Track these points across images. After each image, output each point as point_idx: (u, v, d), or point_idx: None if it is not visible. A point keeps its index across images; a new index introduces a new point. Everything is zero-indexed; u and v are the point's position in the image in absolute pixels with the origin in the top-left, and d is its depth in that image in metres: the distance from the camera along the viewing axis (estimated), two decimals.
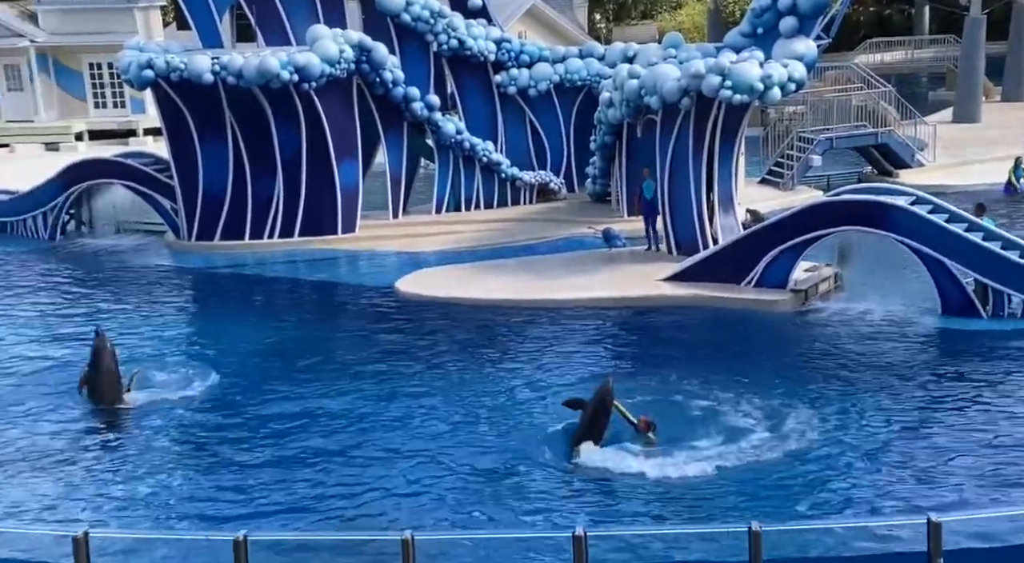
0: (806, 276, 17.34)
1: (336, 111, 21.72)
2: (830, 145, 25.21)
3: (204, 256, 21.72)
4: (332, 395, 13.60)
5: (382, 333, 16.39)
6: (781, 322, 16.29)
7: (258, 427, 12.68)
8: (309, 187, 21.91)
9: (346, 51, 21.23)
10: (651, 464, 11.15)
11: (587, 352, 15.26)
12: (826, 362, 14.41)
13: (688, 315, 16.63)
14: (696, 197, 18.86)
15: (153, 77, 21.07)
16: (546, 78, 24.25)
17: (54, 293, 19.57)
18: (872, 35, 44.85)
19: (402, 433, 12.35)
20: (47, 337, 16.68)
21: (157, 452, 12.12)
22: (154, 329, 16.88)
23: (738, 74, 17.75)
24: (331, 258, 21.25)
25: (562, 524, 9.71)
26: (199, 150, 21.89)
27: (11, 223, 24.63)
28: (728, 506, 10.36)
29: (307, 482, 11.16)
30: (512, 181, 24.04)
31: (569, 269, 18.89)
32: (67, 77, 34.31)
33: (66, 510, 10.69)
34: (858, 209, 16.31)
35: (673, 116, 18.78)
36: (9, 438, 12.52)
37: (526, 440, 11.95)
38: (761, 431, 11.98)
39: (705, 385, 13.28)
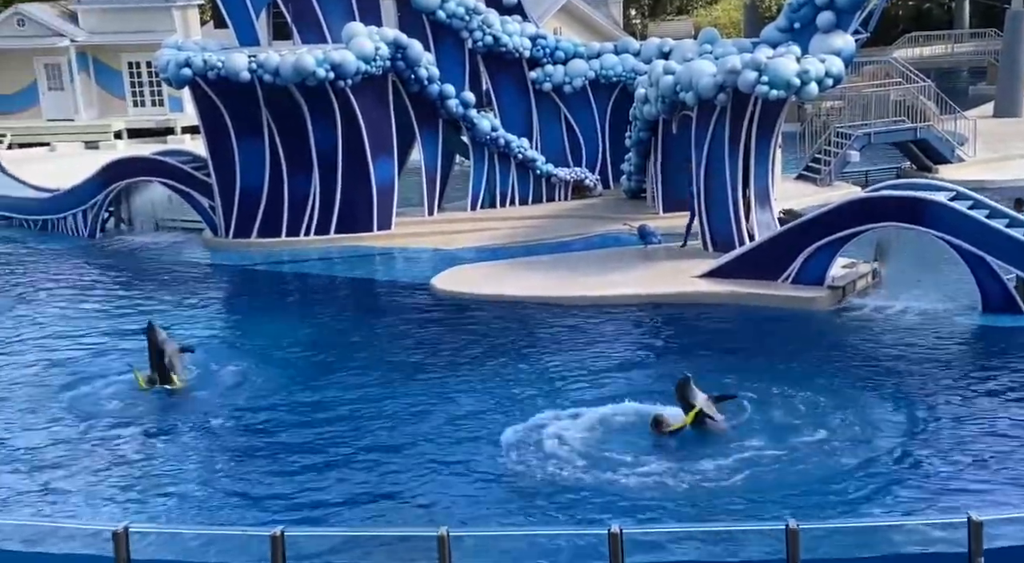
0: (844, 273, 17.18)
1: (372, 108, 21.81)
2: (868, 141, 24.94)
3: (241, 253, 21.90)
4: (368, 392, 13.67)
5: (418, 330, 16.45)
6: (818, 319, 16.15)
7: (295, 423, 12.77)
8: (345, 184, 22.03)
9: (381, 48, 21.31)
10: (687, 462, 11.10)
11: (622, 349, 15.21)
12: (865, 359, 14.27)
13: (724, 312, 16.53)
14: (732, 193, 18.74)
15: (191, 75, 21.28)
16: (581, 74, 24.20)
17: (94, 289, 19.83)
18: (911, 29, 44.30)
19: (439, 429, 12.38)
20: (86, 332, 16.89)
21: (194, 447, 12.25)
22: (192, 325, 17.06)
23: (775, 70, 17.61)
24: (367, 255, 21.36)
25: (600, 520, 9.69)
26: (236, 148, 22.07)
27: (52, 221, 24.99)
28: (765, 504, 10.28)
29: (344, 478, 11.23)
30: (547, 178, 24.01)
31: (604, 266, 18.85)
32: (106, 76, 34.72)
33: (105, 504, 10.82)
34: (897, 205, 16.13)
35: (709, 112, 18.66)
36: (46, 432, 12.68)
37: (563, 437, 11.91)
38: (799, 428, 11.88)
39: (741, 382, 13.18)
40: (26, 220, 25.66)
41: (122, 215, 25.15)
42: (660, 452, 11.42)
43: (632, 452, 11.44)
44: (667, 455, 11.32)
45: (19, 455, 12.14)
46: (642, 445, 11.61)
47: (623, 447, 11.57)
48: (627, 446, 11.60)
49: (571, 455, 11.42)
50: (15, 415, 13.40)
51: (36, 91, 34.43)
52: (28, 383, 14.55)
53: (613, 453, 11.40)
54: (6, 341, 16.59)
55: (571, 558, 8.89)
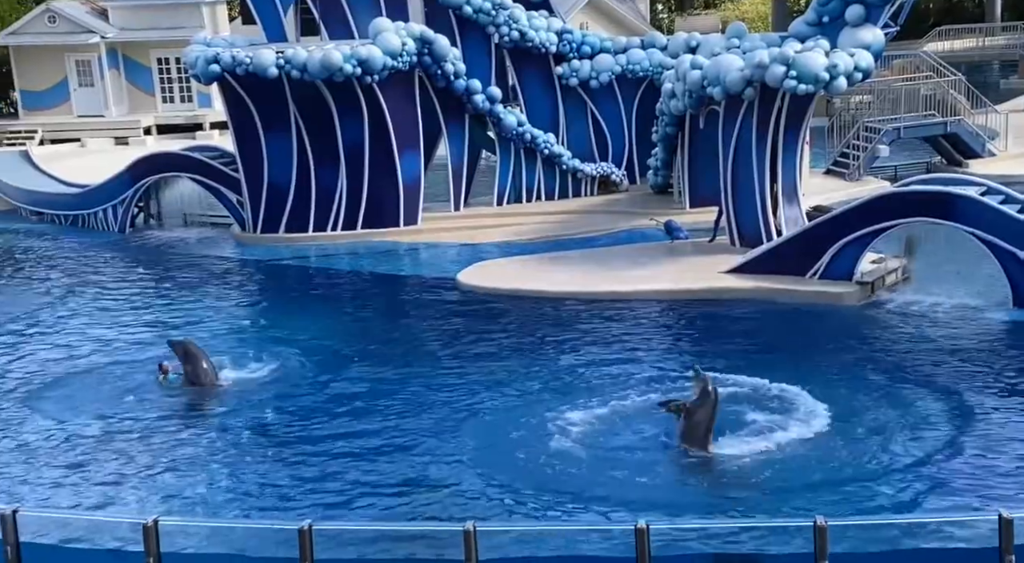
0: (872, 268, 17.05)
1: (398, 104, 21.86)
2: (897, 135, 24.72)
3: (269, 248, 22.04)
4: (393, 385, 13.73)
5: (443, 325, 16.49)
6: (847, 315, 16.05)
7: (321, 416, 12.85)
8: (372, 180, 22.10)
9: (408, 44, 21.36)
10: (714, 457, 11.07)
11: (649, 345, 15.17)
12: (894, 355, 14.17)
13: (751, 308, 16.46)
14: (760, 188, 18.64)
15: (219, 71, 21.41)
16: (608, 69, 24.13)
17: (125, 284, 20.03)
18: (942, 23, 43.85)
19: (466, 424, 12.42)
20: (118, 325, 17.07)
21: (222, 440, 12.35)
22: (220, 319, 17.22)
23: (803, 64, 17.49)
24: (393, 250, 21.43)
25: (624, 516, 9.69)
26: (264, 143, 22.20)
27: (83, 216, 25.25)
28: (793, 501, 10.24)
29: (371, 470, 11.29)
30: (573, 173, 23.99)
31: (630, 261, 18.81)
32: (136, 72, 34.99)
33: (136, 497, 10.94)
34: (926, 199, 15.98)
35: (736, 107, 18.57)
36: (82, 426, 12.83)
37: (589, 430, 11.93)
38: (828, 424, 11.81)
39: (770, 378, 13.12)
40: (57, 215, 25.94)
41: (151, 210, 25.38)
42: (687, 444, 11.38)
43: (658, 447, 11.42)
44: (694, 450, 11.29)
45: (49, 447, 12.29)
46: (668, 440, 11.58)
47: (649, 442, 11.55)
48: (653, 441, 11.58)
49: (596, 449, 11.42)
50: (47, 406, 13.55)
51: (67, 87, 34.74)
52: (58, 375, 14.72)
53: (639, 448, 11.39)
54: (40, 333, 16.79)
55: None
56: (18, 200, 27.00)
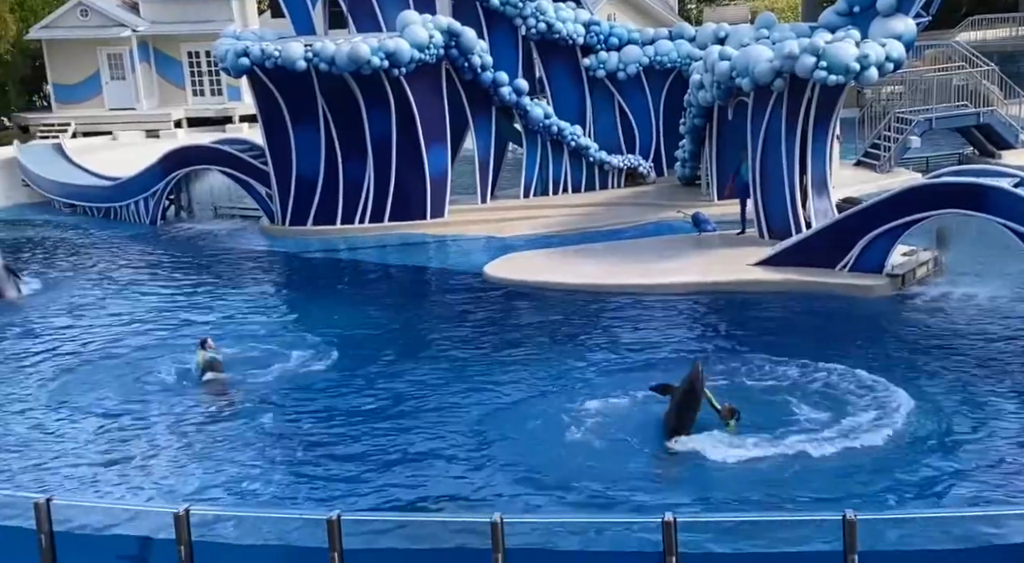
0: (903, 260, 16.90)
1: (425, 96, 21.90)
2: (929, 126, 24.47)
3: (297, 240, 22.17)
4: (421, 377, 13.77)
5: (470, 317, 16.51)
6: (878, 307, 15.92)
7: (350, 407, 12.92)
8: (399, 172, 22.17)
9: (435, 36, 21.37)
10: (741, 451, 11.02)
11: (677, 337, 15.12)
12: (926, 348, 14.04)
13: (780, 300, 16.35)
14: (789, 180, 18.52)
15: (249, 65, 21.53)
16: (635, 61, 24.05)
17: (155, 275, 20.21)
18: (974, 12, 43.24)
19: (491, 416, 12.44)
20: (147, 317, 17.24)
21: (251, 431, 12.43)
22: (249, 311, 17.34)
23: (833, 54, 17.34)
24: (420, 242, 21.49)
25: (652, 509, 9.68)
26: (292, 136, 22.32)
27: (115, 208, 25.52)
28: (822, 495, 10.19)
29: (398, 464, 11.34)
30: (600, 165, 23.94)
31: (658, 253, 18.75)
32: (167, 65, 35.26)
33: (167, 485, 11.06)
34: (959, 191, 15.80)
35: (765, 98, 18.44)
36: (113, 417, 12.98)
37: (616, 424, 11.92)
38: (860, 419, 11.71)
39: (800, 372, 13.05)
40: (90, 208, 26.24)
41: (182, 203, 25.60)
42: (713, 441, 11.34)
43: (685, 441, 11.39)
44: (719, 444, 11.25)
45: (82, 434, 12.44)
46: (696, 434, 11.55)
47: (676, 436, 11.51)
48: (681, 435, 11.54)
49: (623, 442, 11.41)
50: (80, 395, 13.72)
51: (99, 81, 35.07)
52: (90, 365, 14.89)
53: (665, 440, 11.36)
54: (73, 323, 16.99)
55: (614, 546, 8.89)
56: (52, 192, 27.32)
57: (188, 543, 8.11)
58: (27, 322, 17.25)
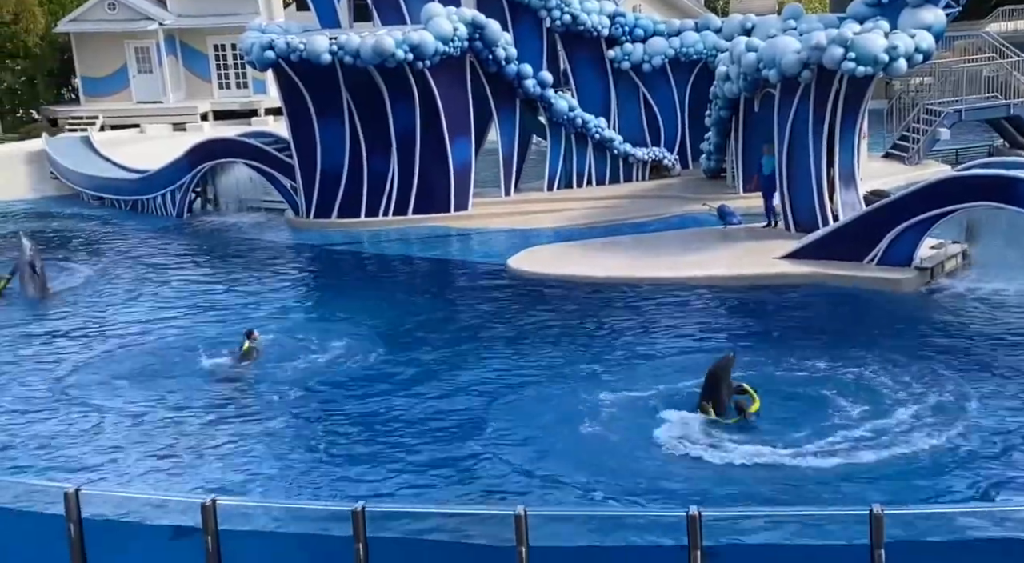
0: (932, 253, 16.74)
1: (449, 89, 21.88)
2: (959, 117, 24.20)
3: (322, 233, 22.24)
4: (444, 370, 13.80)
5: (494, 310, 16.51)
6: (906, 301, 15.78)
7: (374, 399, 12.96)
8: (423, 165, 22.18)
9: (460, 29, 21.35)
10: (768, 447, 10.97)
11: (701, 331, 15.06)
12: (955, 342, 13.91)
13: (807, 294, 16.25)
14: (816, 173, 18.38)
15: (274, 58, 21.59)
16: (661, 52, 23.93)
17: (182, 267, 20.35)
18: (1005, 2, 42.64)
19: (514, 409, 12.45)
20: (173, 308, 17.36)
21: (276, 422, 12.51)
22: (274, 303, 17.43)
23: (862, 45, 17.17)
24: (444, 235, 21.50)
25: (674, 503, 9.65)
26: (317, 129, 22.38)
27: (142, 201, 25.70)
28: (849, 490, 10.12)
29: (421, 453, 11.37)
30: (625, 158, 23.85)
31: (683, 246, 18.66)
32: (193, 59, 35.42)
33: (195, 476, 11.14)
34: (988, 183, 15.63)
35: (792, 90, 18.30)
36: (141, 407, 13.09)
37: (638, 418, 11.89)
38: (889, 412, 11.63)
39: (826, 366, 12.97)
40: (117, 200, 26.44)
41: (208, 195, 25.74)
42: (744, 433, 11.30)
43: (711, 434, 11.35)
44: (751, 437, 11.20)
45: (110, 426, 12.55)
46: (723, 426, 11.51)
47: (700, 428, 11.47)
48: (705, 428, 11.50)
49: (648, 436, 11.37)
50: (108, 385, 13.84)
51: (126, 74, 35.28)
52: (119, 355, 15.02)
53: (690, 435, 11.33)
54: (101, 314, 17.14)
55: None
56: (80, 185, 27.55)
57: (215, 533, 8.17)
58: (56, 313, 17.42)
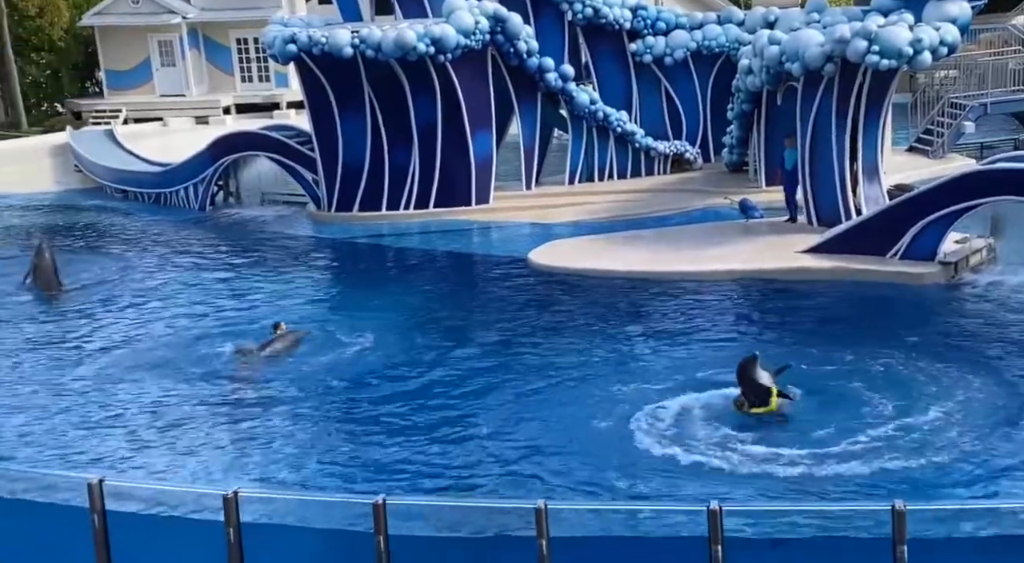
0: (956, 248, 16.61)
1: (471, 82, 21.88)
2: (984, 111, 23.99)
3: (343, 226, 22.30)
4: (464, 363, 13.81)
5: (515, 304, 16.51)
6: (929, 295, 15.67)
7: (395, 392, 13.00)
8: (444, 158, 22.19)
9: (481, 22, 21.33)
10: (795, 442, 10.93)
11: (722, 325, 15.01)
12: (979, 337, 13.80)
13: (829, 288, 16.16)
14: (839, 167, 18.26)
15: (296, 51, 21.65)
16: (683, 46, 23.83)
17: (204, 260, 20.45)
18: None
19: (534, 402, 12.45)
20: (196, 300, 17.47)
21: (299, 415, 12.57)
22: (295, 296, 17.50)
23: (886, 38, 17.04)
24: (465, 229, 21.51)
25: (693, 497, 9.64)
26: (339, 123, 22.43)
27: (165, 194, 25.86)
28: (870, 486, 10.08)
29: (440, 448, 11.40)
30: (646, 151, 23.78)
31: (704, 241, 18.60)
32: (216, 52, 35.59)
33: (217, 467, 11.22)
34: (1013, 177, 15.48)
35: (816, 83, 18.18)
36: (163, 399, 13.19)
37: (658, 412, 11.86)
38: (913, 408, 11.56)
39: (849, 361, 12.90)
40: (140, 193, 26.62)
41: (230, 189, 25.87)
42: (767, 429, 11.26)
43: (732, 430, 11.32)
44: (775, 434, 11.16)
45: (133, 417, 12.64)
46: (744, 423, 11.47)
47: (721, 424, 11.45)
48: (726, 424, 11.47)
49: (670, 431, 11.36)
50: (130, 376, 13.95)
51: (150, 67, 35.50)
52: (141, 348, 15.12)
53: (711, 430, 11.30)
54: (125, 306, 17.27)
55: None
56: (103, 178, 27.76)
57: (237, 525, 8.22)
58: (80, 305, 17.56)
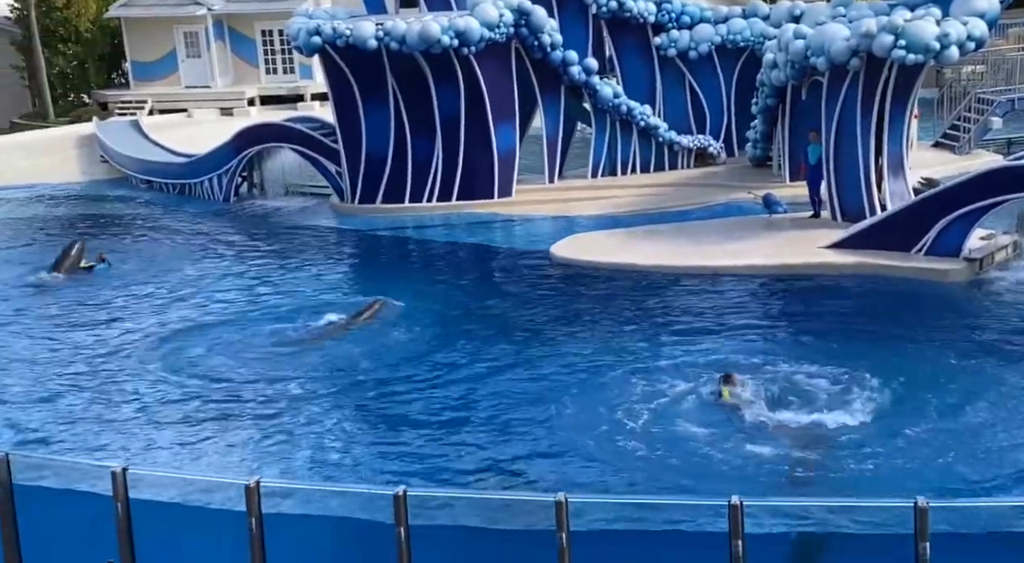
0: (981, 244, 16.47)
1: (495, 75, 21.87)
2: (1012, 107, 23.73)
3: (366, 219, 22.37)
4: (486, 356, 13.84)
5: (537, 297, 16.53)
6: (954, 292, 15.57)
7: (418, 384, 13.05)
8: (467, 151, 22.20)
9: (505, 15, 21.31)
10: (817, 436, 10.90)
11: (744, 321, 14.95)
12: (1005, 334, 13.69)
13: (853, 284, 16.08)
14: (864, 162, 18.13)
15: (320, 43, 21.71)
16: (707, 40, 23.71)
17: (229, 251, 20.57)
18: None
19: (554, 396, 12.46)
20: (220, 292, 17.58)
21: (322, 406, 12.63)
22: (318, 288, 17.59)
23: (913, 33, 16.89)
24: (487, 222, 21.53)
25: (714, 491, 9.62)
26: (363, 115, 22.48)
27: (190, 185, 26.01)
28: (890, 483, 10.03)
29: (465, 439, 11.44)
30: (670, 145, 23.70)
31: (727, 235, 18.53)
32: (241, 44, 35.70)
33: (239, 457, 11.31)
34: None
35: (841, 78, 18.05)
36: (188, 389, 13.29)
37: (677, 407, 11.86)
38: (937, 406, 11.50)
39: (872, 357, 12.82)
40: (165, 184, 26.79)
41: (254, 180, 25.98)
42: (787, 426, 11.22)
43: (754, 426, 11.29)
44: (796, 429, 11.12)
45: (157, 407, 12.76)
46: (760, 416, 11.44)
47: (742, 419, 11.43)
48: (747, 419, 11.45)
49: (690, 424, 11.35)
50: (157, 365, 14.07)
51: (175, 59, 35.65)
52: (166, 337, 15.25)
53: (731, 424, 11.29)
54: (148, 297, 17.41)
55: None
56: (129, 168, 27.95)
57: (259, 516, 8.27)
58: (104, 294, 17.71)
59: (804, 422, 11.27)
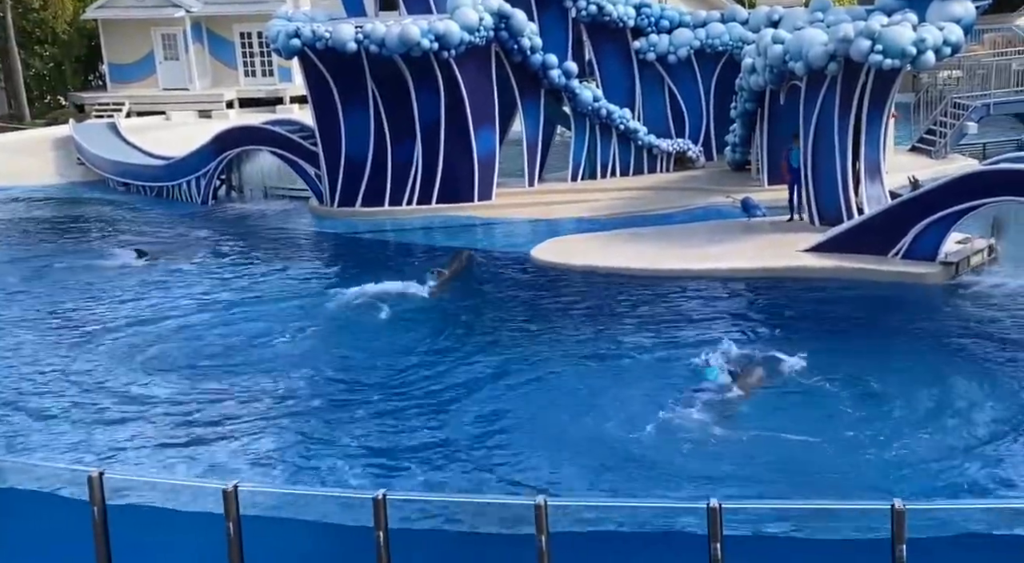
0: (957, 248, 16.62)
1: (474, 79, 21.88)
2: (987, 111, 23.98)
3: (346, 222, 22.32)
4: (464, 360, 13.83)
5: (517, 300, 16.54)
6: (930, 295, 15.69)
7: (396, 388, 13.02)
8: (447, 155, 22.20)
9: (485, 19, 21.33)
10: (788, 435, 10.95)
11: (722, 324, 15.01)
12: (980, 338, 13.81)
13: (830, 287, 16.18)
14: (841, 166, 18.26)
15: (300, 46, 21.65)
16: (686, 44, 23.82)
17: (207, 255, 20.45)
18: None
19: (536, 399, 12.47)
20: (198, 296, 17.48)
21: (301, 408, 12.58)
22: (297, 291, 17.50)
23: (889, 38, 17.03)
24: (467, 225, 21.52)
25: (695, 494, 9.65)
26: (342, 118, 22.43)
27: (168, 187, 25.87)
28: (868, 485, 10.10)
29: (443, 446, 11.42)
30: (649, 149, 23.78)
31: (706, 239, 18.61)
32: (219, 46, 35.56)
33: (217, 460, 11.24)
34: (1016, 178, 15.48)
35: (819, 82, 18.18)
36: (165, 393, 13.21)
37: (659, 408, 11.89)
38: (909, 407, 11.58)
39: (848, 360, 12.90)
40: (143, 187, 26.63)
41: (233, 183, 25.87)
42: (759, 425, 11.28)
43: (732, 426, 11.34)
44: (767, 429, 11.18)
45: (146, 410, 12.65)
46: (743, 418, 11.49)
47: (721, 421, 11.47)
48: (726, 419, 11.50)
49: (678, 426, 11.38)
50: (135, 368, 13.97)
51: (153, 61, 35.48)
52: (146, 339, 15.15)
53: (711, 426, 11.33)
54: (135, 299, 17.29)
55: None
56: (106, 171, 27.77)
57: (237, 519, 8.23)
58: (84, 298, 17.57)
59: (781, 423, 11.32)
